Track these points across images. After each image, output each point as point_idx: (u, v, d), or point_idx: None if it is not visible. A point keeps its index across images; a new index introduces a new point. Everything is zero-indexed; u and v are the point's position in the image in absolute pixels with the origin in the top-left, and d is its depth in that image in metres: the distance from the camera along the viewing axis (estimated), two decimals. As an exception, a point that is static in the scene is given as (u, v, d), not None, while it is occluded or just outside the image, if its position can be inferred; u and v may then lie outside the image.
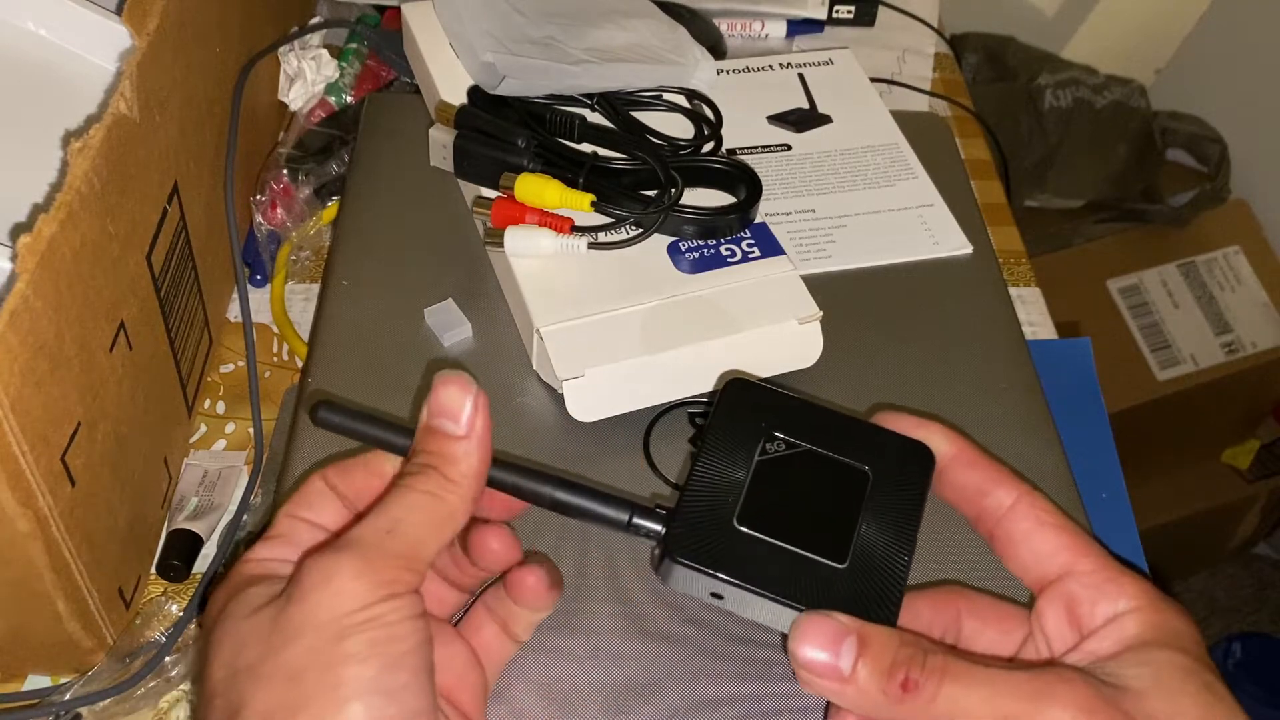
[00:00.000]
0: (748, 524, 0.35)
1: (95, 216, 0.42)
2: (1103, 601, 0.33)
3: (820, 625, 0.31)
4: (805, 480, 0.36)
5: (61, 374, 0.40)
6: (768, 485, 0.36)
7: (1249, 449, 1.47)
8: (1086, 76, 1.43)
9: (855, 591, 0.34)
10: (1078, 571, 0.34)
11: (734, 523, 0.35)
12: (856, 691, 0.31)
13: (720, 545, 0.35)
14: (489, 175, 0.56)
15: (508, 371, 0.53)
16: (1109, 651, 0.32)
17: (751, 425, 0.37)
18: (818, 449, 0.37)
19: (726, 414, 0.38)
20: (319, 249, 0.67)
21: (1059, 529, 0.34)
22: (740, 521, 0.35)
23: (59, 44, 0.52)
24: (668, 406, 0.52)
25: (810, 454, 0.37)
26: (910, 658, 0.31)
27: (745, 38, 0.84)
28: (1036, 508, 0.35)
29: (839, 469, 0.37)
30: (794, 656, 0.31)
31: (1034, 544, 0.34)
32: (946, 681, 0.30)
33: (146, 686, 0.48)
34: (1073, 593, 0.33)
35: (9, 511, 0.39)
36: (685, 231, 0.55)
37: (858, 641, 0.31)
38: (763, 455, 0.37)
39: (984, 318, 0.58)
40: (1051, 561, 0.34)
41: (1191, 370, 1.37)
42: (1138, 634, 0.32)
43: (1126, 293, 1.39)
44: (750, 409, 0.38)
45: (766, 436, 0.37)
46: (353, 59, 0.75)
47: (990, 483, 0.35)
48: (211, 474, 0.57)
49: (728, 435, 0.37)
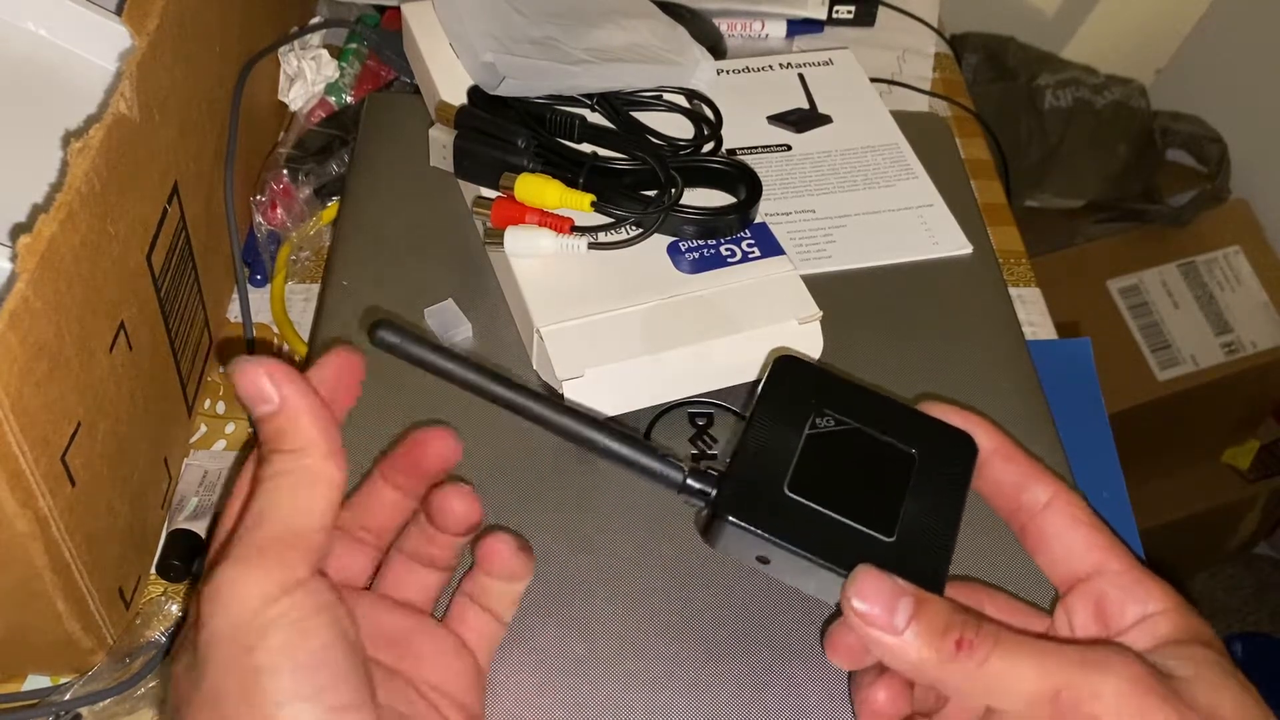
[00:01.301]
0: (799, 491, 0.36)
1: (95, 216, 0.42)
2: (1132, 602, 0.34)
3: (878, 580, 0.32)
4: (854, 456, 0.37)
5: (61, 374, 0.40)
6: (818, 457, 0.37)
7: (1249, 449, 1.47)
8: (1086, 76, 1.43)
9: (902, 565, 0.34)
10: (1108, 571, 0.34)
11: (785, 489, 0.36)
12: (905, 646, 0.31)
13: (772, 509, 0.35)
14: (489, 175, 0.56)
15: (508, 372, 0.53)
16: (1143, 648, 0.33)
17: (801, 400, 0.38)
18: (866, 429, 0.38)
19: (776, 387, 0.38)
20: (319, 249, 0.67)
21: (1092, 528, 0.35)
22: (791, 489, 0.36)
23: (59, 44, 0.52)
24: (668, 406, 0.52)
25: (859, 432, 0.38)
26: (965, 622, 0.31)
27: (745, 38, 0.84)
28: (1072, 505, 0.35)
29: (886, 449, 0.37)
30: (849, 606, 0.32)
31: (1066, 541, 0.35)
32: (1000, 647, 0.31)
33: (146, 686, 0.48)
34: (1103, 591, 0.34)
35: (9, 511, 0.39)
36: (685, 231, 0.55)
37: (914, 602, 0.32)
38: (812, 429, 0.37)
39: (984, 318, 0.58)
40: (1083, 560, 0.35)
41: (1191, 370, 1.37)
42: (1171, 633, 0.33)
43: (1126, 293, 1.39)
44: (800, 385, 0.38)
45: (817, 412, 0.38)
46: (353, 59, 0.75)
47: (1027, 478, 0.36)
48: (211, 474, 0.57)
49: (778, 407, 0.38)
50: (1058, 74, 1.42)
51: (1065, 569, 0.35)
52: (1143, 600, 0.34)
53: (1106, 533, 0.35)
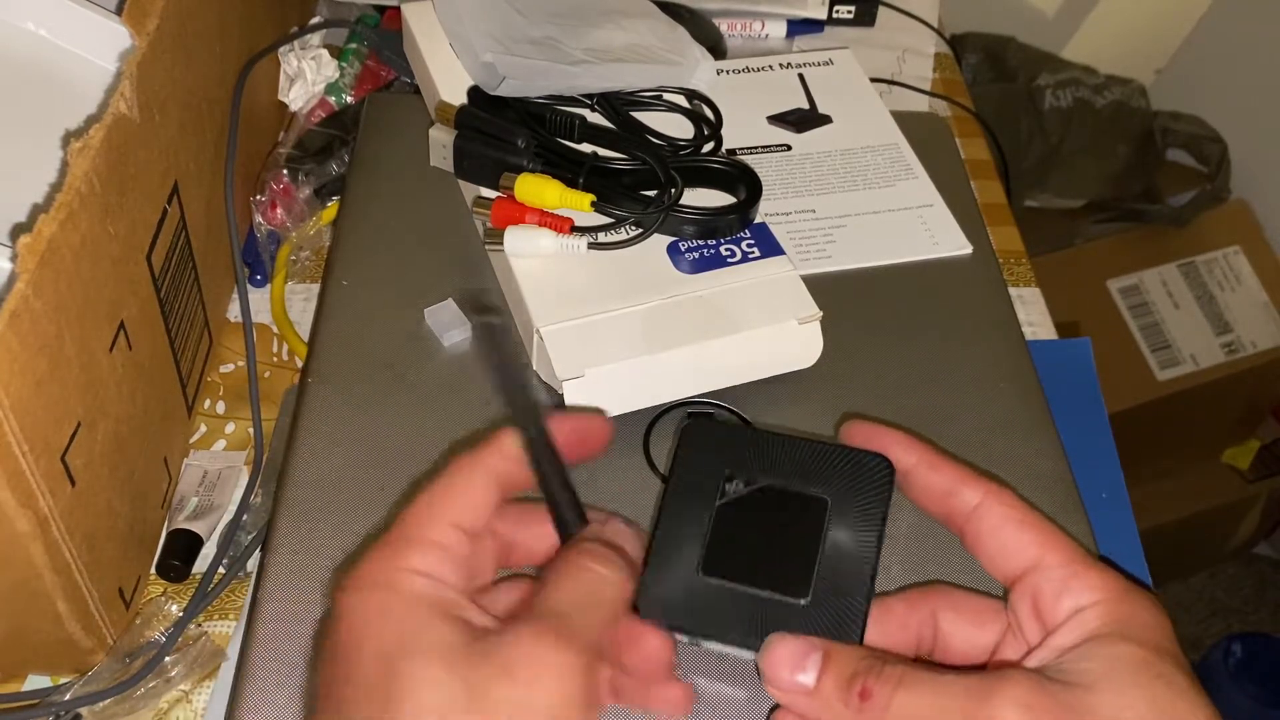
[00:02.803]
0: (712, 572, 0.36)
1: (95, 216, 0.42)
2: (1066, 595, 0.33)
3: (787, 645, 0.33)
4: (766, 517, 0.38)
5: (61, 374, 0.40)
6: (730, 528, 0.37)
7: (1249, 449, 1.47)
8: (1086, 76, 1.43)
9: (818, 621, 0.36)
10: (1044, 565, 0.34)
11: (698, 573, 0.36)
12: (821, 703, 0.32)
13: (686, 598, 0.36)
14: (489, 175, 0.56)
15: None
16: (1070, 645, 0.32)
17: (712, 467, 0.38)
18: (776, 484, 0.38)
19: (687, 458, 0.39)
20: (319, 249, 0.67)
21: (1024, 524, 0.34)
22: (704, 570, 0.36)
23: (59, 44, 0.52)
24: (668, 406, 0.52)
25: (769, 490, 0.38)
26: (869, 668, 0.31)
27: (745, 38, 0.84)
28: (1003, 503, 0.35)
29: (799, 499, 0.38)
30: (764, 675, 0.33)
31: (1001, 539, 0.34)
32: (900, 689, 0.31)
33: (146, 686, 0.48)
34: (1038, 587, 0.33)
35: (9, 511, 0.39)
36: (685, 231, 0.55)
37: (822, 657, 0.32)
38: (723, 498, 0.38)
39: (984, 318, 0.58)
40: (1019, 556, 0.34)
41: (1191, 370, 1.37)
42: (1097, 628, 0.32)
43: (1126, 293, 1.39)
44: (710, 449, 0.39)
45: (726, 478, 0.38)
46: (353, 59, 0.75)
47: (955, 483, 0.36)
48: (211, 474, 0.57)
49: (690, 480, 0.39)
50: (1058, 74, 1.42)
51: (1004, 568, 0.35)
52: (1077, 592, 0.33)
53: (1041, 526, 0.34)
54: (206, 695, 0.50)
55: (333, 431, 0.51)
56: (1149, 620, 0.32)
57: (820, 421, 0.52)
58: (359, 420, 0.51)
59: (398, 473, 0.49)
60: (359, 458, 0.50)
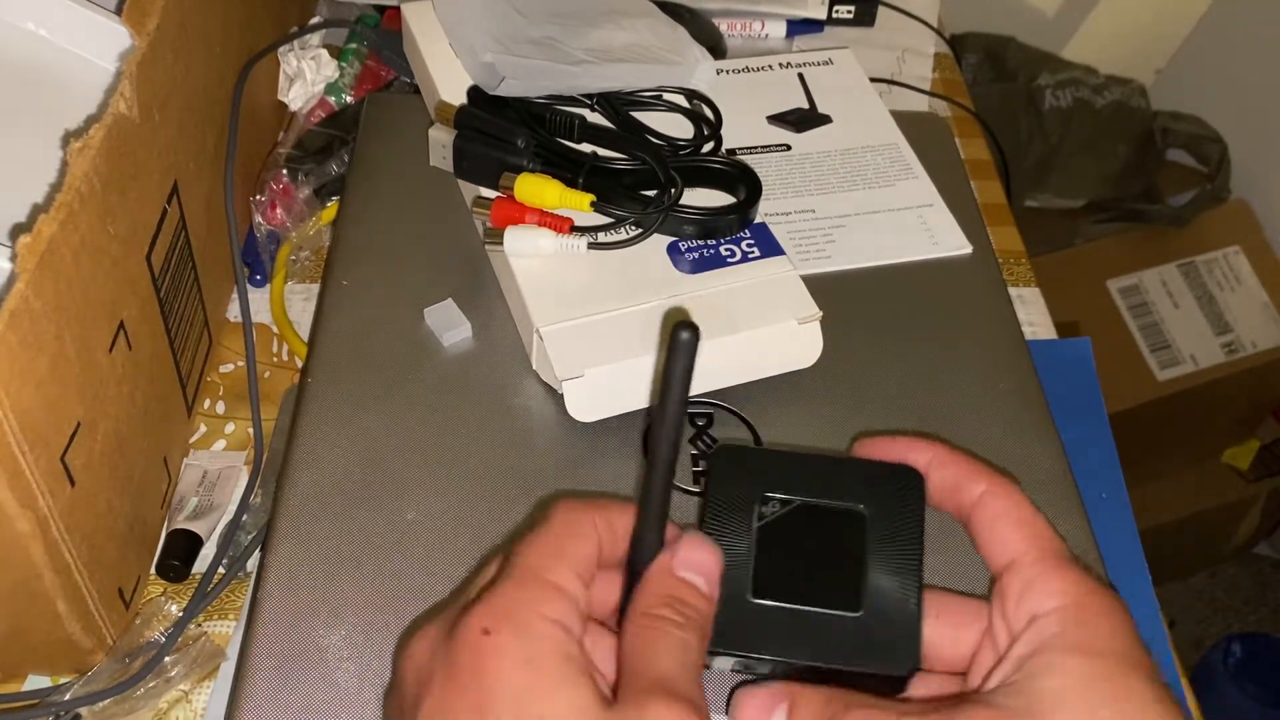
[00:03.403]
0: (763, 595, 0.36)
1: (95, 216, 0.42)
2: (1027, 599, 0.32)
3: (754, 698, 0.33)
4: (807, 535, 0.37)
5: (61, 374, 0.40)
6: (773, 549, 0.37)
7: (1249, 449, 1.47)
8: (1086, 76, 1.43)
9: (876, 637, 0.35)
10: (1016, 565, 0.33)
11: (750, 598, 0.36)
12: None
13: (745, 625, 0.36)
14: (489, 175, 0.56)
15: (507, 371, 0.53)
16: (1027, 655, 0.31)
17: (744, 492, 0.38)
18: (812, 500, 0.38)
19: (720, 487, 0.38)
20: (319, 249, 0.67)
21: (1016, 520, 0.33)
22: (756, 595, 0.36)
23: (59, 44, 0.52)
24: (668, 406, 0.52)
25: (806, 507, 0.38)
26: (833, 714, 0.31)
27: (745, 38, 0.84)
28: (1001, 498, 0.34)
29: (836, 515, 0.38)
30: None
31: (992, 534, 0.34)
32: None
33: (146, 686, 0.48)
34: (1006, 589, 0.33)
35: (9, 511, 0.39)
36: (685, 231, 0.55)
37: (789, 705, 0.32)
38: (761, 520, 0.38)
39: (984, 318, 0.58)
40: (1003, 553, 0.33)
41: (1191, 370, 1.37)
42: (1053, 637, 0.30)
43: (1126, 293, 1.39)
44: (740, 475, 0.39)
45: (760, 500, 0.38)
46: (353, 59, 0.75)
47: (965, 477, 0.35)
48: (211, 474, 0.57)
49: (725, 508, 0.38)
50: (1058, 74, 1.42)
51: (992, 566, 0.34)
52: (1035, 598, 0.31)
53: (1031, 523, 0.33)
54: (206, 695, 0.50)
55: (333, 431, 0.51)
56: (1110, 626, 0.30)
57: (821, 421, 0.52)
58: (359, 420, 0.51)
59: (397, 473, 0.49)
60: (359, 458, 0.50)
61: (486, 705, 0.28)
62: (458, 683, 0.29)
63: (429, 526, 0.48)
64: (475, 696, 0.29)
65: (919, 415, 0.53)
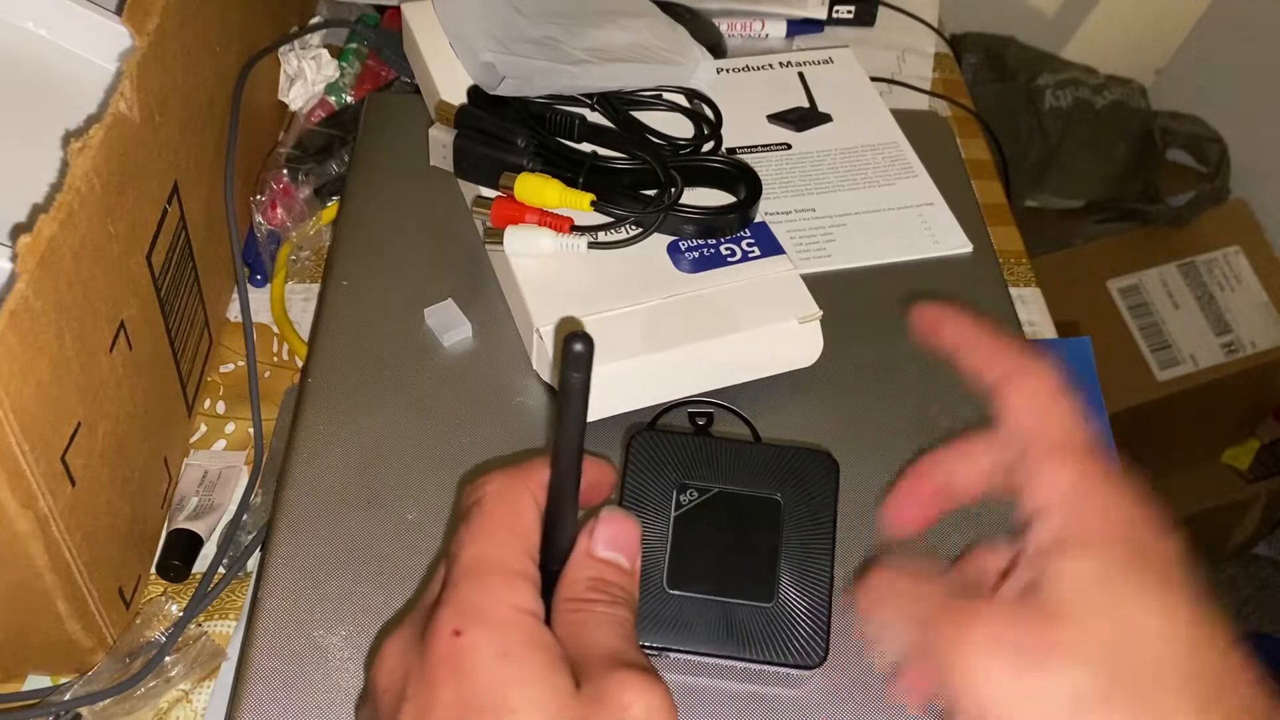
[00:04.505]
0: (677, 585, 0.37)
1: (95, 216, 0.42)
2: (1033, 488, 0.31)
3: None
4: (723, 523, 0.38)
5: (61, 374, 0.40)
6: (689, 538, 0.38)
7: (1249, 449, 1.47)
8: (1086, 76, 1.43)
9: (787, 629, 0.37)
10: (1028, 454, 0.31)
11: (666, 589, 0.37)
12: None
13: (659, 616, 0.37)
14: (489, 175, 0.56)
15: (508, 371, 0.53)
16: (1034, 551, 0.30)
17: (662, 479, 0.39)
18: (728, 488, 0.38)
19: (637, 474, 0.39)
20: (319, 249, 0.67)
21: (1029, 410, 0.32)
22: (671, 585, 0.37)
23: (59, 44, 0.52)
24: (668, 406, 0.52)
25: (722, 495, 0.39)
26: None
27: (745, 38, 0.84)
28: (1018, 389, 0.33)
29: (752, 503, 0.39)
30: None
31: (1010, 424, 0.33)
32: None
33: (146, 686, 0.48)
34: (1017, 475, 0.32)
35: (9, 511, 0.39)
36: (685, 231, 0.55)
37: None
38: (678, 509, 0.38)
39: (984, 317, 0.58)
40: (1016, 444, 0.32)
41: (1191, 370, 1.37)
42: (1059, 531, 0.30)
43: (1126, 293, 1.39)
44: (658, 461, 0.39)
45: (679, 487, 0.39)
46: (353, 59, 0.75)
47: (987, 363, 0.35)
48: (211, 474, 0.57)
49: (642, 492, 0.39)
50: (1058, 74, 1.42)
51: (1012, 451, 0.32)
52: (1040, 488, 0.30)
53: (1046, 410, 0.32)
54: (206, 695, 0.50)
55: (333, 431, 0.51)
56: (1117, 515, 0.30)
57: (821, 420, 0.52)
58: (359, 420, 0.51)
59: (398, 473, 0.49)
60: (359, 457, 0.50)
61: (469, 701, 0.29)
62: (436, 684, 0.29)
63: (429, 526, 0.48)
64: (455, 693, 0.29)
65: (919, 415, 0.53)
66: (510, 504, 0.32)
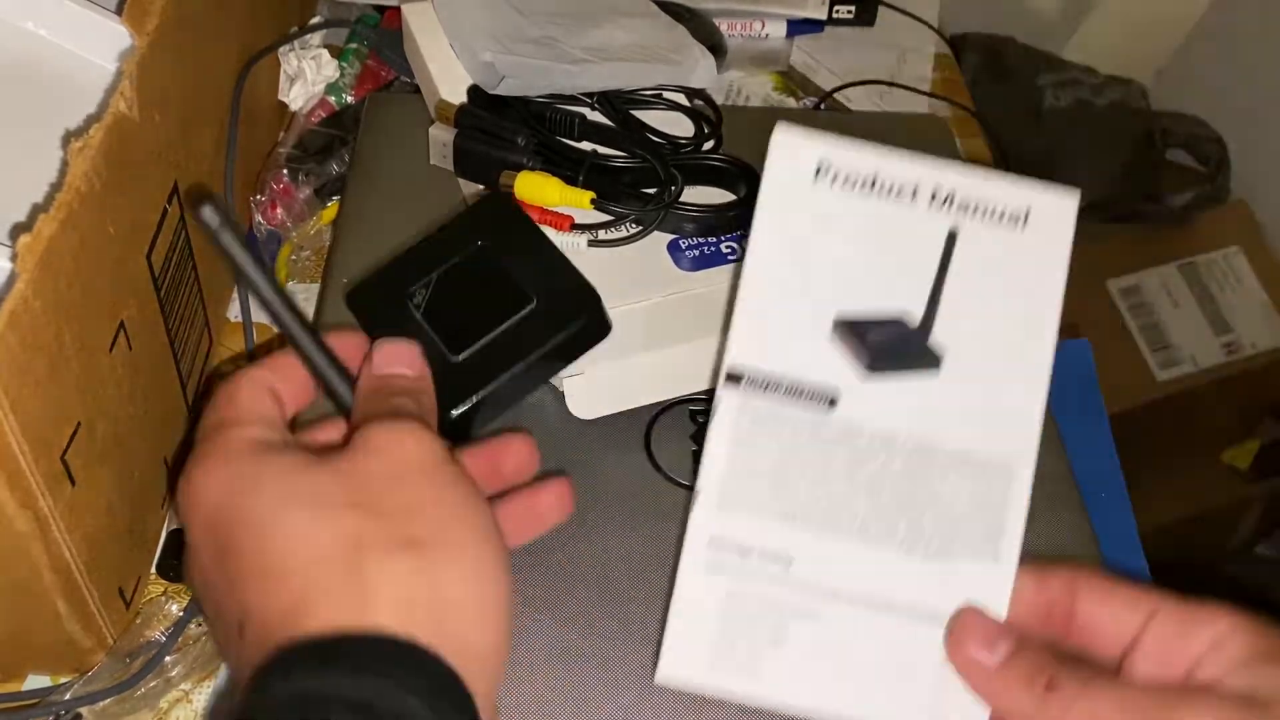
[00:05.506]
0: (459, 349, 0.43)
1: (95, 216, 0.42)
2: (1195, 627, 0.33)
3: (981, 625, 0.34)
4: (458, 289, 0.45)
5: (61, 374, 0.40)
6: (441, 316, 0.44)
7: (1249, 449, 1.47)
8: (1086, 76, 1.43)
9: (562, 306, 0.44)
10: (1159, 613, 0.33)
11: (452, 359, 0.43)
12: (1002, 685, 0.33)
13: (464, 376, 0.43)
14: (489, 174, 0.56)
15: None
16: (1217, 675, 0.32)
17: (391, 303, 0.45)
18: (506, 265, 0.45)
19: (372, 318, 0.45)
20: (319, 249, 0.67)
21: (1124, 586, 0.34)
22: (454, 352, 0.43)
23: (59, 44, 0.52)
24: (669, 403, 0.52)
25: (442, 274, 0.45)
26: (1057, 664, 0.32)
27: (745, 37, 0.84)
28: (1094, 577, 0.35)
29: (469, 261, 0.45)
30: (954, 654, 0.34)
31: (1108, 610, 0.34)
32: (1086, 691, 0.32)
33: (146, 686, 0.48)
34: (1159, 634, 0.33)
35: (9, 511, 0.39)
36: (685, 229, 0.55)
37: (1011, 643, 0.33)
38: (419, 309, 0.44)
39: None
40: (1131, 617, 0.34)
41: (1191, 370, 1.37)
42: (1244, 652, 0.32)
43: (1126, 293, 1.39)
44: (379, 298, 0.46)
45: (408, 296, 0.45)
46: (353, 59, 0.75)
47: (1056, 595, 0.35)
48: (211, 474, 0.57)
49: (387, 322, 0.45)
50: (1058, 74, 1.42)
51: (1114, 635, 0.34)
52: (1205, 623, 0.32)
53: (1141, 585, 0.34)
54: (206, 695, 0.50)
55: (333, 431, 0.51)
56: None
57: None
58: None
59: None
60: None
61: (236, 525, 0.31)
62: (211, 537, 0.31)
63: (429, 526, 0.48)
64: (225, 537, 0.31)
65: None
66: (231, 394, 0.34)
